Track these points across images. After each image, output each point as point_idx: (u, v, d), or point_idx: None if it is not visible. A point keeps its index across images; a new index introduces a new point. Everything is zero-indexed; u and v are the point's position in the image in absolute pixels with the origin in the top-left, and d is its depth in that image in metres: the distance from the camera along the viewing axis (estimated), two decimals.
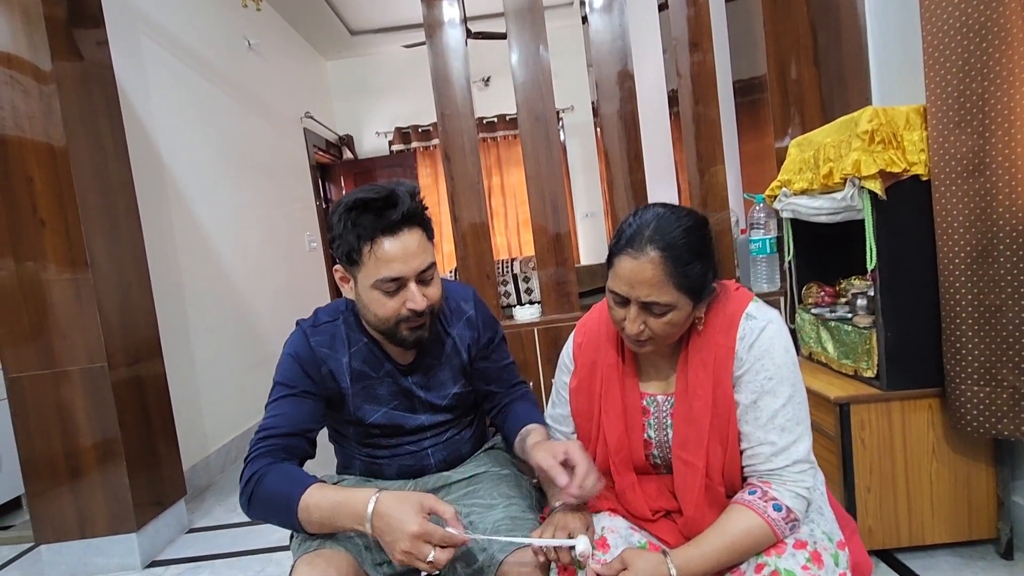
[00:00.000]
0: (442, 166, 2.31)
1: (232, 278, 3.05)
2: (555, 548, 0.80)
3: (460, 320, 1.07)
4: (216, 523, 2.18)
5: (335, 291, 4.64)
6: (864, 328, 1.44)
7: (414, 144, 5.23)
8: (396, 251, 0.89)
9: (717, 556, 0.77)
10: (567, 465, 0.84)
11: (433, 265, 0.95)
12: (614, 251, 0.84)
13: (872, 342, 1.41)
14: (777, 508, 0.78)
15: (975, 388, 1.27)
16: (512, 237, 5.29)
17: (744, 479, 0.85)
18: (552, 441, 0.93)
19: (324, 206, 4.69)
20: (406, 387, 1.03)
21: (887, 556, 1.46)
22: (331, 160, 5.01)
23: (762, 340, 0.83)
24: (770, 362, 0.83)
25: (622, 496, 0.92)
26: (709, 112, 2.19)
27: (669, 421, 0.90)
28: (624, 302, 0.83)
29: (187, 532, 2.12)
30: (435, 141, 5.17)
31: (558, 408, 1.02)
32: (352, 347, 1.01)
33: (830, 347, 1.59)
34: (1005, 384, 1.24)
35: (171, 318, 2.42)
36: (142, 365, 2.00)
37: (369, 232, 0.89)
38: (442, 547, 0.75)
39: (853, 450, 1.40)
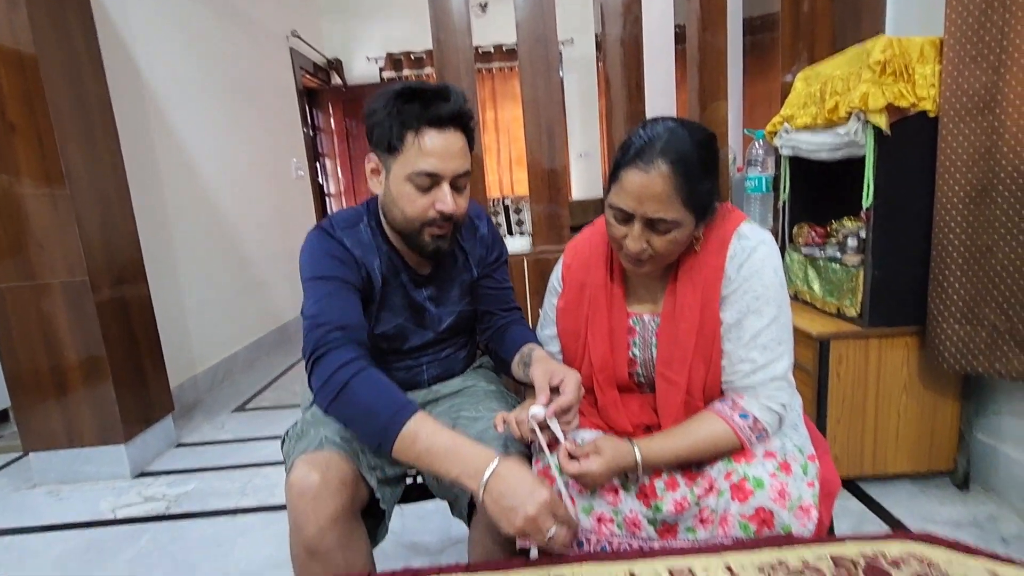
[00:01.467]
0: None
1: (217, 202, 2.96)
2: (515, 420, 0.82)
3: (474, 236, 1.07)
4: (204, 439, 2.23)
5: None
6: (852, 266, 1.45)
7: (406, 72, 5.00)
8: (438, 146, 0.87)
9: (678, 450, 0.80)
10: (558, 391, 0.84)
11: (468, 174, 0.93)
12: (620, 164, 0.80)
13: (858, 280, 1.42)
14: (744, 416, 0.80)
15: (956, 326, 1.29)
16: (504, 175, 5.17)
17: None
18: (558, 363, 0.91)
19: (311, 133, 4.52)
20: (418, 301, 1.02)
21: (850, 484, 1.54)
22: (319, 85, 4.79)
23: (752, 260, 0.83)
24: (758, 282, 0.82)
25: (604, 412, 0.94)
26: (716, 41, 2.10)
27: (654, 340, 0.90)
28: (627, 218, 0.80)
29: (176, 446, 2.17)
30: (428, 70, 4.94)
31: (545, 330, 1.02)
32: (379, 251, 0.99)
33: (816, 286, 1.60)
34: (986, 323, 1.26)
35: (155, 240, 2.37)
36: (126, 286, 1.97)
37: (414, 121, 0.86)
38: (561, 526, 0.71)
39: (828, 383, 1.44)
